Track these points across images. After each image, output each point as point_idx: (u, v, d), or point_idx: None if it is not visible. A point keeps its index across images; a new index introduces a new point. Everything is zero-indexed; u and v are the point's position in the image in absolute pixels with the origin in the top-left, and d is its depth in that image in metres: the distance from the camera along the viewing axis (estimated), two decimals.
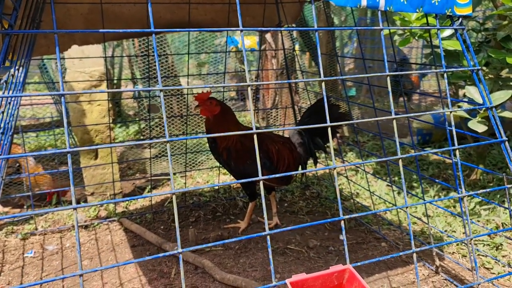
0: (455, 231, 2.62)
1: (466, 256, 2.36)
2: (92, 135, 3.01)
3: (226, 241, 1.22)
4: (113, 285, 2.21)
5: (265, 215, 1.20)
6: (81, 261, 2.49)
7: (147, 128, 4.80)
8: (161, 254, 1.11)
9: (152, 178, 3.54)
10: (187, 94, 2.94)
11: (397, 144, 1.38)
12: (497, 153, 4.06)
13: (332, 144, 1.33)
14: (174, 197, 1.12)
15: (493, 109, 1.52)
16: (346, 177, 3.33)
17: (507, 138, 1.51)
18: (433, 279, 2.16)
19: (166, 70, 4.01)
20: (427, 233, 2.62)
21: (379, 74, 1.31)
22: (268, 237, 1.19)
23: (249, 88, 1.21)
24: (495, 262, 2.26)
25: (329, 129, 1.33)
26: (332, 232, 2.74)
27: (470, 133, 1.97)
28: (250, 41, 8.85)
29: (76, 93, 1.06)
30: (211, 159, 4.08)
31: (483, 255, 2.33)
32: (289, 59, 4.34)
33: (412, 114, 1.46)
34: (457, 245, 2.47)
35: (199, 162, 4.04)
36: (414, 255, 1.33)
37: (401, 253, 1.34)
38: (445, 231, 2.62)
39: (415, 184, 3.52)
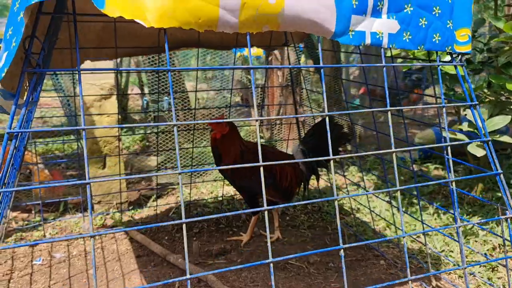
0: (452, 251, 2.69)
1: (462, 277, 2.42)
2: (101, 145, 3.10)
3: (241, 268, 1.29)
4: None
5: (269, 244, 1.27)
6: (87, 270, 2.57)
7: (153, 134, 4.89)
8: (170, 280, 1.18)
9: (158, 187, 3.61)
10: (195, 108, 3.01)
11: (395, 174, 1.45)
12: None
13: (333, 172, 1.40)
14: (184, 225, 1.19)
15: (490, 142, 1.58)
16: (347, 192, 3.40)
17: (502, 171, 1.58)
18: None
19: (174, 84, 4.10)
20: (424, 252, 2.68)
21: (379, 109, 1.38)
22: (271, 264, 1.26)
23: (257, 123, 1.28)
24: (490, 285, 2.32)
25: (332, 162, 1.40)
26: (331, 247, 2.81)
27: (463, 162, 2.04)
28: (256, 49, 8.96)
29: (95, 128, 1.14)
30: (215, 170, 4.15)
31: (479, 278, 2.40)
32: (295, 73, 4.41)
33: (411, 148, 1.53)
34: (454, 265, 2.54)
35: (203, 172, 4.11)
36: (410, 283, 1.40)
37: (397, 281, 1.40)
38: (443, 251, 2.68)
39: (414, 201, 3.58)
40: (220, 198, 3.57)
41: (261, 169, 1.28)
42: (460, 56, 1.58)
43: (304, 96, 4.52)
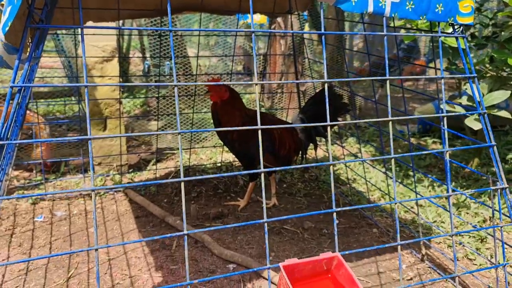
0: (444, 222, 2.75)
1: (451, 246, 2.49)
2: (102, 108, 3.11)
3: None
4: (117, 253, 2.36)
5: (264, 204, 1.32)
6: (88, 228, 2.64)
7: (154, 100, 4.89)
8: (169, 235, 1.23)
9: (157, 152, 3.66)
10: (196, 74, 3.01)
11: (390, 143, 1.48)
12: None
13: (329, 139, 1.43)
14: (182, 184, 1.23)
15: (486, 115, 1.61)
16: (344, 163, 3.44)
17: (495, 144, 1.61)
18: (418, 267, 2.29)
19: (176, 48, 4.07)
20: (417, 222, 2.75)
21: (381, 77, 1.40)
22: (266, 224, 1.31)
23: (256, 87, 1.30)
24: (478, 254, 2.39)
25: (329, 128, 1.42)
26: (327, 215, 2.87)
27: (460, 134, 2.07)
28: (260, 17, 8.84)
29: (97, 85, 1.15)
30: (214, 135, 4.19)
31: (468, 247, 2.47)
32: (297, 42, 4.38)
33: (409, 117, 1.55)
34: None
35: (203, 138, 4.15)
36: (399, 247, 1.45)
37: (386, 245, 1.46)
38: (434, 222, 2.75)
39: (410, 173, 3.63)
40: (219, 164, 3.62)
41: (259, 132, 1.30)
42: (462, 27, 1.58)
43: (306, 66, 4.50)
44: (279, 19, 4.79)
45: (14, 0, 1.00)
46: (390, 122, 1.47)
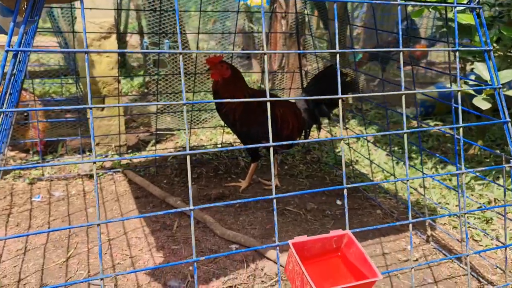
0: (448, 204, 2.71)
1: (456, 227, 2.46)
2: (100, 86, 3.04)
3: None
4: (117, 233, 2.31)
5: (273, 180, 1.26)
6: (86, 208, 2.59)
7: (152, 81, 4.81)
8: (173, 210, 1.18)
9: (157, 132, 3.59)
10: (196, 52, 2.93)
11: (403, 118, 1.42)
12: (497, 129, 4.11)
13: (341, 114, 1.37)
14: (188, 157, 1.17)
15: (500, 90, 1.55)
16: (348, 144, 3.39)
17: (510, 120, 1.55)
18: (423, 247, 2.26)
19: (175, 25, 3.98)
20: (421, 203, 2.71)
21: (395, 49, 1.33)
22: (275, 200, 1.26)
23: (265, 56, 1.23)
24: (484, 235, 2.35)
25: (340, 101, 1.36)
26: (329, 196, 2.83)
27: (472, 111, 2.01)
28: None
29: (99, 51, 1.09)
30: (215, 117, 4.12)
31: (473, 228, 2.43)
32: (300, 20, 4.28)
33: (421, 91, 1.49)
34: (449, 217, 2.57)
35: (202, 119, 4.08)
36: (410, 225, 1.41)
37: (397, 223, 1.42)
38: (439, 203, 2.71)
39: (414, 155, 3.58)
40: (219, 146, 3.56)
41: (268, 104, 1.24)
42: None
43: (308, 46, 4.42)
44: None
45: None
46: (403, 97, 1.41)
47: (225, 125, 2.87)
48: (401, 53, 1.38)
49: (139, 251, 2.16)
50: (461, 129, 1.51)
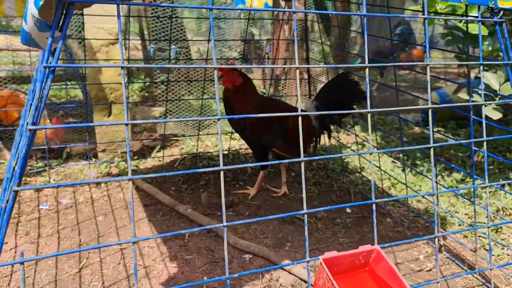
0: (457, 212, 2.72)
1: (467, 236, 2.47)
2: (107, 92, 3.01)
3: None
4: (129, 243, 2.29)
5: (304, 195, 1.26)
6: (96, 216, 2.56)
7: (155, 86, 4.78)
8: (208, 227, 1.16)
9: (161, 137, 3.57)
10: (206, 58, 2.92)
11: (431, 133, 1.42)
12: (497, 135, 4.14)
13: (370, 127, 1.37)
14: (222, 173, 1.16)
15: None
16: (355, 150, 3.39)
17: None
18: (435, 257, 2.26)
19: (178, 31, 3.96)
20: (431, 211, 2.72)
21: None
22: (306, 216, 1.25)
23: (297, 71, 1.22)
24: (495, 244, 2.37)
25: (369, 115, 1.36)
26: (339, 204, 2.83)
27: (477, 118, 2.01)
28: (257, 2, 8.66)
29: (136, 66, 1.08)
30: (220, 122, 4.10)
31: (483, 237, 2.44)
32: (302, 29, 4.29)
33: (447, 105, 1.49)
34: (459, 225, 2.58)
35: (205, 125, 4.06)
36: (436, 240, 1.41)
37: (424, 238, 1.41)
38: (449, 211, 2.72)
39: (418, 162, 3.60)
40: (226, 152, 3.55)
41: (300, 118, 1.23)
42: (501, 12, 1.52)
43: (312, 53, 4.42)
44: (282, 3, 4.68)
45: None
46: (430, 110, 1.41)
47: (233, 131, 2.86)
48: (427, 67, 1.38)
49: (152, 261, 2.14)
50: (484, 143, 1.52)
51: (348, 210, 2.75)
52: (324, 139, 3.38)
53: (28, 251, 2.18)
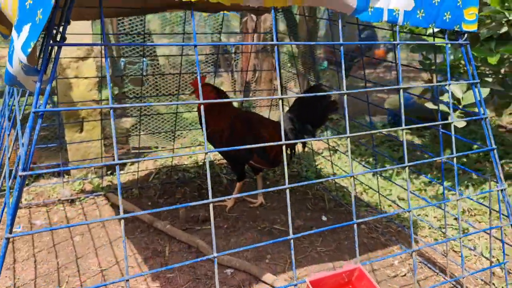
0: (427, 215, 2.85)
1: (437, 239, 2.59)
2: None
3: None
4: (109, 263, 2.28)
5: (289, 222, 1.30)
6: (72, 237, 2.53)
7: (122, 98, 4.72)
8: (199, 259, 1.19)
9: (133, 151, 3.54)
10: (165, 74, 2.92)
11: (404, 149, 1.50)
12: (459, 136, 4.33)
13: (349, 152, 1.42)
14: (211, 206, 1.18)
15: (487, 119, 1.66)
16: (326, 156, 3.48)
17: (496, 147, 1.67)
18: (409, 262, 2.36)
19: (147, 48, 3.95)
20: (402, 216, 2.83)
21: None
22: (292, 241, 1.29)
23: (280, 101, 1.27)
24: (463, 246, 2.49)
25: (348, 140, 1.42)
26: (314, 212, 2.90)
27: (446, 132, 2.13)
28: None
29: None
30: (191, 133, 4.10)
31: (452, 240, 2.57)
32: (271, 38, 4.34)
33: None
34: (429, 228, 2.69)
35: (178, 136, 4.05)
36: (414, 254, 1.49)
37: (402, 253, 1.49)
38: (418, 215, 2.84)
39: (387, 165, 3.72)
40: (201, 163, 3.56)
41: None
42: (466, 34, 1.62)
43: (285, 61, 4.49)
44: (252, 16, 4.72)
45: (35, 18, 0.91)
46: (403, 132, 1.48)
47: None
48: (400, 91, 1.45)
49: (134, 281, 2.13)
50: (454, 159, 1.61)
51: (324, 218, 2.82)
52: (297, 147, 3.45)
53: (4, 277, 2.13)
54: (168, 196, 3.03)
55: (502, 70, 3.07)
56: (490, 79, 3.05)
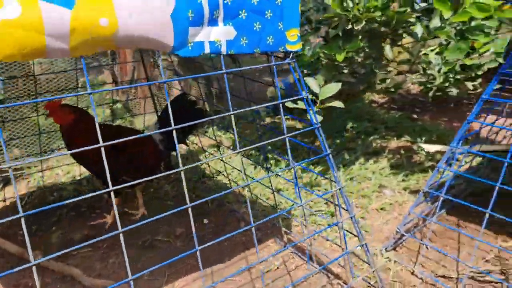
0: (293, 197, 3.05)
1: (306, 226, 2.80)
2: None
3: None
4: None
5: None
6: None
7: None
8: (16, 269, 1.18)
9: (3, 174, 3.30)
10: (38, 93, 2.75)
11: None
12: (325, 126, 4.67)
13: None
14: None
15: (319, 127, 1.82)
16: (212, 152, 3.54)
17: (330, 152, 1.84)
18: (282, 254, 2.53)
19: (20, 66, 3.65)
20: (279, 207, 3.01)
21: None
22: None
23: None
24: (328, 226, 2.72)
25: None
26: (196, 215, 2.95)
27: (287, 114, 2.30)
28: None
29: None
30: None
31: (320, 223, 2.79)
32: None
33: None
34: (301, 217, 2.90)
35: (55, 147, 3.84)
36: (253, 229, 1.61)
37: (241, 230, 1.61)
38: (292, 204, 3.04)
39: (269, 155, 3.89)
40: (78, 178, 3.43)
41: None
42: (292, 54, 1.74)
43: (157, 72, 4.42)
44: None
45: None
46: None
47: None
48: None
49: None
50: (296, 169, 1.74)
51: (205, 221, 2.90)
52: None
53: None
54: (42, 220, 2.89)
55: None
56: (346, 71, 3.30)
